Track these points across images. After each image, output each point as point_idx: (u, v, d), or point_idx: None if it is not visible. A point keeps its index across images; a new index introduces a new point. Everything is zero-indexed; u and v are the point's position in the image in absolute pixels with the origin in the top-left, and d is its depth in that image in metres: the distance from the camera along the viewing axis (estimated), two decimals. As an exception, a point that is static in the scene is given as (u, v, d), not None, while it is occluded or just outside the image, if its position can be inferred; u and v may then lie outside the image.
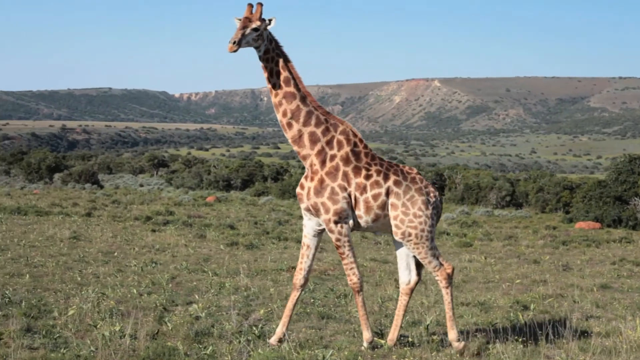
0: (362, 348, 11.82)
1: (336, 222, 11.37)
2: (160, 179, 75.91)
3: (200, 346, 11.43)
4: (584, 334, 13.20)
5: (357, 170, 11.53)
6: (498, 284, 19.45)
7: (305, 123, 11.56)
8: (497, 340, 12.31)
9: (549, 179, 58.08)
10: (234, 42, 10.91)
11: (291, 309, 11.94)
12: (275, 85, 11.52)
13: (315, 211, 11.51)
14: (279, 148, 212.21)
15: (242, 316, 13.88)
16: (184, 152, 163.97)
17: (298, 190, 11.77)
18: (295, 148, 11.68)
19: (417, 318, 14.28)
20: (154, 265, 19.62)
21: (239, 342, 11.58)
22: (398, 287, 16.24)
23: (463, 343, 11.81)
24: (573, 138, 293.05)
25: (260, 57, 11.44)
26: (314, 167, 11.56)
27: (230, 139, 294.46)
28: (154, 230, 28.13)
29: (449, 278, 11.90)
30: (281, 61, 11.51)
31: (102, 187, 61.00)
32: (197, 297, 15.40)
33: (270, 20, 11.22)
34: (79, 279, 16.96)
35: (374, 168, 11.63)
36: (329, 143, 11.59)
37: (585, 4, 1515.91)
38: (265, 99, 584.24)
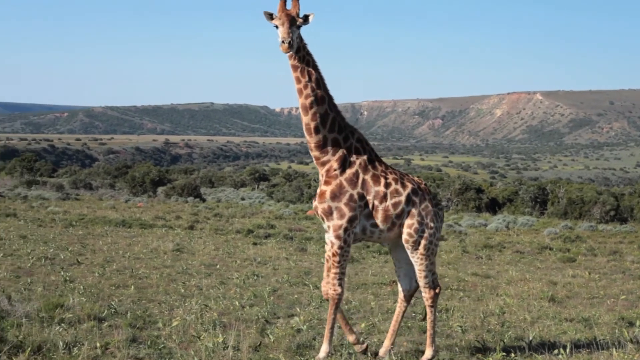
0: None
1: (346, 230, 10.95)
2: (261, 192, 76.19)
3: (302, 358, 11.48)
4: (692, 351, 12.88)
5: (375, 179, 11.23)
6: (602, 299, 19.10)
7: (331, 129, 11.14)
8: (602, 356, 12.13)
9: (655, 194, 56.86)
10: (289, 44, 10.57)
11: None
12: (307, 87, 11.00)
13: (326, 215, 11.03)
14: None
15: (343, 329, 13.91)
16: (285, 166, 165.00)
17: (314, 203, 11.33)
18: (315, 153, 11.19)
19: (519, 334, 14.13)
20: (255, 278, 19.78)
21: (341, 355, 11.60)
22: (502, 301, 16.13)
23: None
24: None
25: (291, 55, 10.91)
26: (332, 172, 11.11)
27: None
28: (255, 244, 28.37)
29: (436, 297, 11.84)
30: (311, 60, 11.08)
31: (204, 200, 61.57)
32: (298, 309, 15.45)
33: (307, 17, 10.76)
34: (183, 290, 17.19)
35: (391, 176, 11.38)
36: (349, 150, 11.24)
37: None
38: (365, 113, 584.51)
